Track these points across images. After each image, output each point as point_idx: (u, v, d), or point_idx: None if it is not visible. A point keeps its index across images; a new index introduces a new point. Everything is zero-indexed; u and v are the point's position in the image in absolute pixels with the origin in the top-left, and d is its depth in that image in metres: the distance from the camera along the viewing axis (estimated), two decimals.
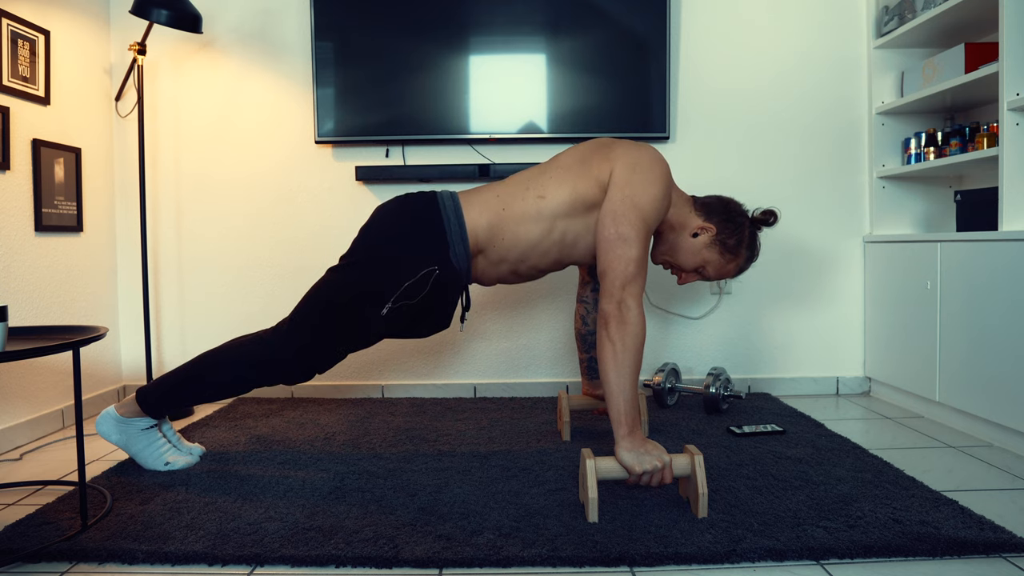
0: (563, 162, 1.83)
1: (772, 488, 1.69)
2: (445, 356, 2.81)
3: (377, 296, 1.74)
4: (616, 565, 1.34)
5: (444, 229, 1.76)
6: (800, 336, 2.80)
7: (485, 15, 2.65)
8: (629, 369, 1.58)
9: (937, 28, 2.44)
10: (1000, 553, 1.37)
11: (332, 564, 1.36)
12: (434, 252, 1.74)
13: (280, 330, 1.83)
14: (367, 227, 1.83)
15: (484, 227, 1.78)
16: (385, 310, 1.75)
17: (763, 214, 1.90)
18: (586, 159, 1.79)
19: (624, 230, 1.66)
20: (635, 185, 1.70)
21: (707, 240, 1.87)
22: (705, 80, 2.76)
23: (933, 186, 2.72)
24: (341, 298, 1.77)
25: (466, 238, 1.77)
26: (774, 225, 1.91)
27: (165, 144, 2.79)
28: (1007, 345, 1.99)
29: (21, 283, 2.24)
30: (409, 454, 2.01)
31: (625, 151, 1.77)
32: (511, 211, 1.78)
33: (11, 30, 2.18)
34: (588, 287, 2.16)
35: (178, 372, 1.85)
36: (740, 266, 1.92)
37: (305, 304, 1.81)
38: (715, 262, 1.90)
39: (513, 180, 1.85)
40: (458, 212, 1.78)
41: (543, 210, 1.77)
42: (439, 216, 1.77)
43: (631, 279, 1.63)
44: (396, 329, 1.83)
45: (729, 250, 1.88)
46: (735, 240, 1.87)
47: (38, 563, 1.39)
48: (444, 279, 1.75)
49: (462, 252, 1.77)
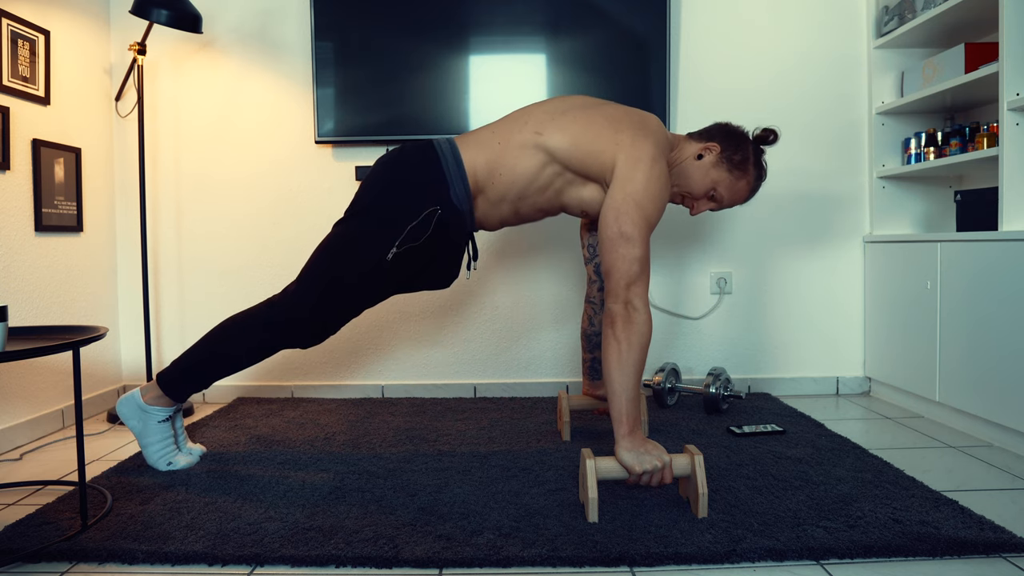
0: (564, 107, 1.82)
1: (772, 488, 1.69)
2: (445, 356, 2.81)
3: (382, 242, 1.74)
4: (616, 565, 1.34)
5: (442, 169, 1.76)
6: (800, 336, 2.80)
7: (485, 15, 2.65)
8: (633, 369, 1.58)
9: (937, 28, 2.44)
10: (1000, 553, 1.37)
11: (332, 564, 1.36)
12: (434, 192, 1.75)
13: (289, 291, 1.83)
14: (367, 178, 1.83)
15: (482, 164, 1.78)
16: (391, 255, 1.74)
17: (762, 132, 1.88)
18: (593, 121, 1.76)
19: (627, 228, 1.66)
20: (637, 182, 1.69)
21: (713, 159, 1.86)
22: (705, 80, 2.76)
23: (933, 186, 2.72)
24: (347, 249, 1.77)
25: (465, 177, 1.77)
26: (774, 143, 1.90)
27: (165, 144, 2.79)
28: (1007, 345, 1.99)
29: (21, 283, 2.24)
30: (409, 454, 2.01)
31: (632, 139, 1.73)
32: (507, 145, 1.78)
33: (11, 30, 2.18)
34: (595, 287, 2.16)
35: (193, 350, 1.86)
36: (751, 184, 1.89)
37: (312, 261, 1.82)
38: (725, 181, 1.87)
39: (509, 117, 1.85)
40: (455, 153, 1.78)
41: (539, 144, 1.76)
42: (436, 158, 1.77)
43: (636, 278, 1.63)
44: (405, 278, 1.82)
45: (737, 166, 1.86)
46: (740, 156, 1.85)
47: (38, 563, 1.39)
48: (447, 219, 1.75)
49: (462, 192, 1.77)
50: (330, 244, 1.81)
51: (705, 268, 2.79)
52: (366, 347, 2.80)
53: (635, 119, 1.78)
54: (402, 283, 1.84)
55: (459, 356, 2.81)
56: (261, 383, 2.81)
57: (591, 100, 1.87)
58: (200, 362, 1.85)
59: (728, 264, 2.79)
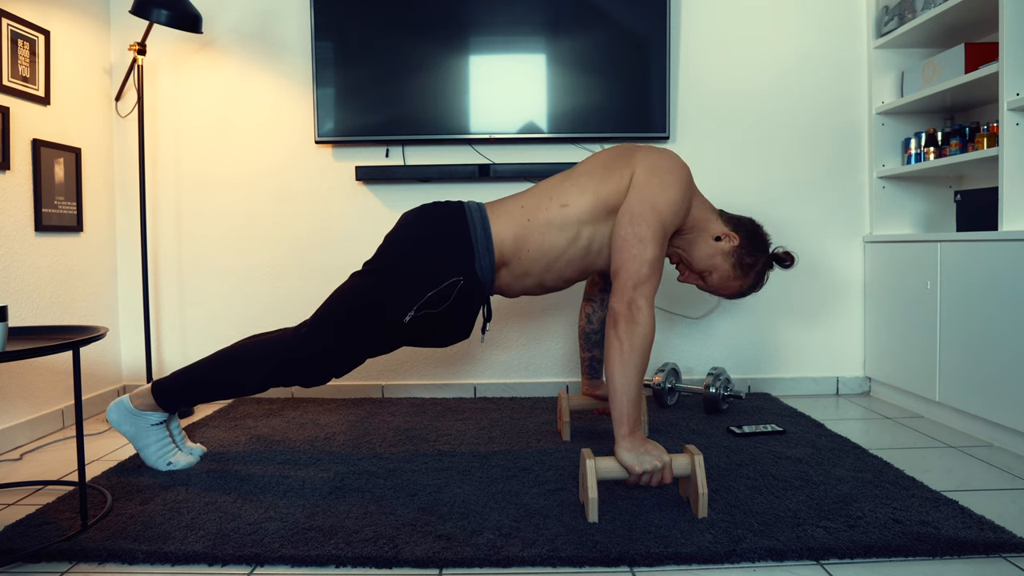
0: (584, 169, 1.84)
1: (772, 488, 1.69)
2: (445, 356, 2.81)
3: (400, 304, 1.74)
4: (616, 565, 1.34)
5: (470, 239, 1.76)
6: (800, 336, 2.80)
7: (485, 15, 2.65)
8: (635, 369, 1.58)
9: (937, 28, 2.44)
10: (1000, 553, 1.37)
11: (332, 564, 1.36)
12: (460, 262, 1.74)
13: (302, 332, 1.83)
14: (392, 234, 1.83)
15: (510, 239, 1.78)
16: (407, 318, 1.75)
17: (784, 253, 1.91)
18: (608, 165, 1.80)
19: (641, 230, 1.66)
20: (654, 187, 1.70)
21: (727, 248, 1.88)
22: (705, 80, 2.76)
23: (933, 186, 2.72)
24: (364, 304, 1.77)
25: (492, 249, 1.77)
26: (788, 268, 1.93)
27: (165, 144, 2.79)
28: (1007, 345, 1.99)
29: (21, 283, 2.24)
30: (409, 454, 2.01)
31: (646, 155, 1.78)
32: (535, 221, 1.79)
33: (11, 30, 2.18)
34: (597, 286, 2.16)
35: (195, 368, 1.86)
36: (742, 288, 1.92)
37: (328, 308, 1.82)
38: (724, 272, 1.89)
39: (536, 190, 1.86)
40: (485, 223, 1.78)
41: (568, 217, 1.77)
42: (466, 226, 1.77)
43: (644, 280, 1.63)
44: (416, 337, 1.83)
45: (742, 267, 1.88)
46: (751, 260, 1.88)
47: (38, 563, 1.39)
48: (468, 290, 1.75)
49: (487, 264, 1.77)
50: (348, 296, 1.80)
51: None
52: None
53: (651, 146, 1.84)
54: (413, 340, 1.85)
55: (459, 356, 2.81)
56: None
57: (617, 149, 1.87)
58: (201, 382, 1.84)
59: None
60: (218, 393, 1.85)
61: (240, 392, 1.85)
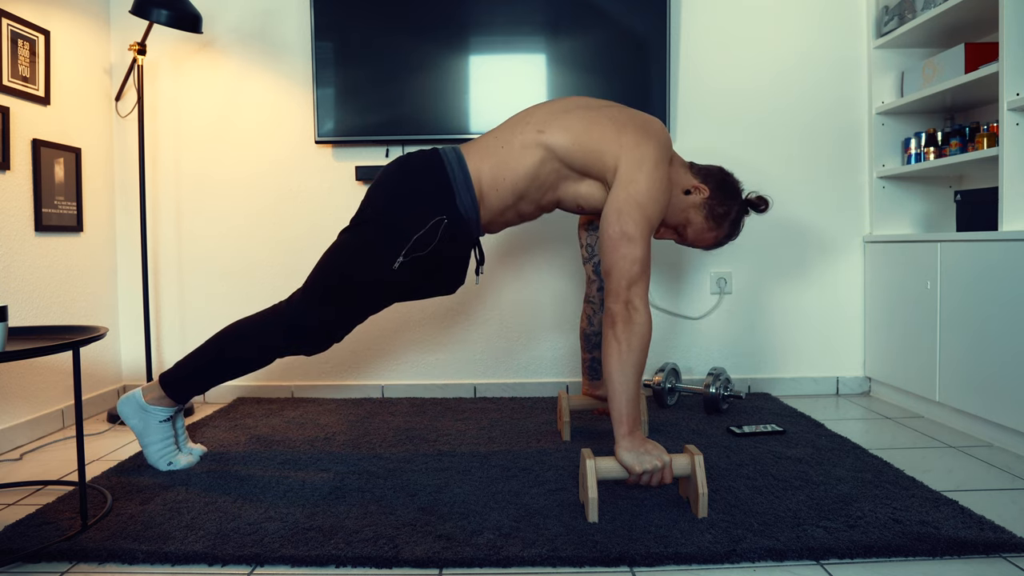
0: (569, 106, 1.83)
1: (772, 488, 1.69)
2: (445, 356, 2.81)
3: (388, 251, 1.74)
4: (616, 565, 1.34)
5: (448, 178, 1.76)
6: (800, 336, 2.80)
7: (485, 15, 2.65)
8: (633, 369, 1.58)
9: (937, 28, 2.44)
10: (1000, 553, 1.37)
11: (332, 564, 1.36)
12: (441, 201, 1.74)
13: (294, 299, 1.84)
14: (373, 187, 1.83)
15: (487, 171, 1.78)
16: (397, 264, 1.74)
17: (757, 198, 1.90)
18: (597, 122, 1.77)
19: (628, 228, 1.66)
20: (639, 183, 1.69)
21: (697, 201, 1.87)
22: (705, 80, 2.76)
23: (933, 186, 2.72)
24: (353, 258, 1.78)
25: (471, 186, 1.77)
26: (763, 212, 1.92)
27: (165, 144, 2.79)
28: (1007, 345, 1.99)
29: (21, 283, 2.24)
30: (409, 454, 2.01)
31: (635, 141, 1.74)
32: (510, 146, 1.79)
33: (11, 30, 2.18)
34: (595, 287, 2.16)
35: (197, 353, 1.86)
36: (718, 238, 1.91)
37: (318, 270, 1.82)
38: (697, 225, 1.89)
39: (512, 119, 1.86)
40: (461, 161, 1.78)
41: (541, 141, 1.77)
42: (442, 166, 1.77)
43: (636, 278, 1.63)
44: (410, 286, 1.82)
45: (715, 217, 1.87)
46: (723, 209, 1.87)
47: (38, 563, 1.39)
48: (453, 228, 1.75)
49: (468, 200, 1.77)
50: (335, 253, 1.81)
51: (705, 268, 2.79)
52: (366, 347, 2.80)
53: (638, 121, 1.79)
54: (407, 290, 1.84)
55: (459, 356, 2.81)
56: (261, 383, 2.81)
57: (595, 101, 1.88)
58: (204, 365, 1.85)
59: (728, 264, 2.79)
60: (224, 373, 1.86)
61: (245, 368, 1.86)
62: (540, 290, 2.79)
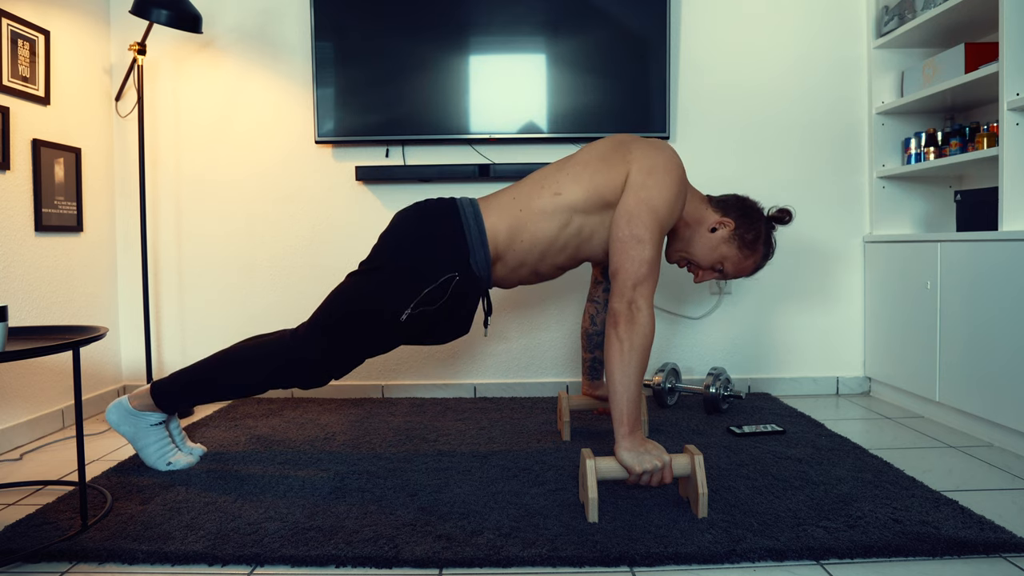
0: (580, 159, 1.84)
1: (772, 488, 1.69)
2: (445, 356, 2.81)
3: (396, 303, 1.74)
4: (616, 565, 1.34)
5: (464, 235, 1.76)
6: (800, 336, 2.80)
7: (485, 15, 2.65)
8: (635, 369, 1.58)
9: (937, 28, 2.44)
10: (1000, 553, 1.37)
11: (332, 564, 1.36)
12: (454, 258, 1.74)
13: (300, 334, 1.83)
14: (387, 233, 1.83)
15: (504, 231, 1.78)
16: (404, 316, 1.74)
17: (779, 212, 1.91)
18: (604, 157, 1.79)
19: (638, 231, 1.66)
20: (650, 188, 1.71)
21: (726, 235, 1.88)
22: (705, 79, 2.76)
23: (933, 186, 2.72)
24: (361, 304, 1.77)
25: (486, 244, 1.77)
26: (789, 224, 1.92)
27: (165, 144, 2.79)
28: (1007, 345, 1.99)
29: (21, 283, 2.24)
30: (409, 454, 2.01)
31: (643, 153, 1.77)
32: (528, 211, 1.79)
33: (11, 30, 2.18)
34: (600, 287, 2.16)
35: (194, 370, 1.86)
36: (757, 263, 1.92)
37: (325, 309, 1.82)
38: (733, 257, 1.89)
39: (529, 180, 1.85)
40: (478, 218, 1.78)
41: (559, 205, 1.77)
42: (459, 222, 1.77)
43: (643, 280, 1.64)
44: (415, 335, 1.83)
45: (747, 245, 1.88)
46: (753, 235, 1.88)
47: (38, 563, 1.39)
48: (464, 285, 1.75)
49: (482, 258, 1.77)
50: (344, 296, 1.80)
51: None
52: None
53: (647, 140, 1.82)
54: (411, 338, 1.85)
55: (459, 356, 2.81)
56: None
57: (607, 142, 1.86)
58: (199, 384, 1.85)
59: None
60: (216, 395, 1.85)
61: (239, 394, 1.86)
62: (540, 290, 2.79)
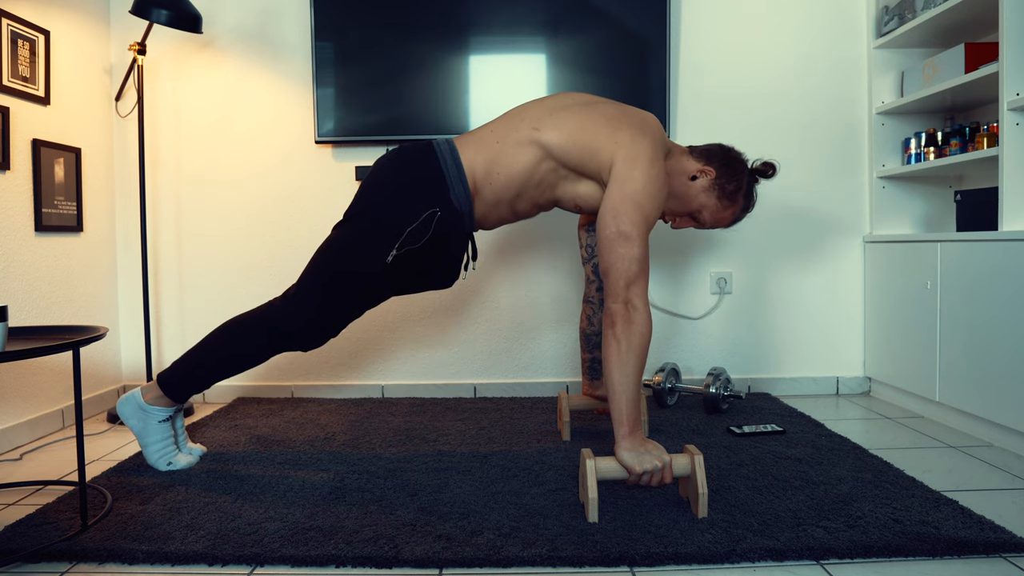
0: (560, 103, 1.82)
1: (772, 488, 1.69)
2: (445, 356, 2.81)
3: (381, 244, 1.74)
4: (616, 565, 1.34)
5: (442, 170, 1.75)
6: (800, 336, 2.80)
7: (485, 15, 2.65)
8: (633, 369, 1.58)
9: (937, 28, 2.44)
10: (1000, 553, 1.37)
11: (332, 564, 1.36)
12: (434, 194, 1.74)
13: (289, 295, 1.84)
14: (365, 180, 1.83)
15: (481, 164, 1.77)
16: (390, 258, 1.74)
17: (763, 165, 1.89)
18: (592, 120, 1.76)
19: (625, 228, 1.65)
20: (635, 181, 1.68)
21: (706, 184, 1.86)
22: (705, 79, 2.76)
23: (933, 186, 2.72)
24: (346, 252, 1.77)
25: (464, 178, 1.76)
26: (772, 177, 1.90)
27: (165, 144, 2.79)
28: (1007, 345, 1.99)
29: (21, 283, 2.24)
30: (409, 454, 2.01)
31: (631, 137, 1.72)
32: (505, 142, 1.78)
33: (11, 30, 2.18)
34: (593, 286, 2.15)
35: (194, 352, 1.86)
36: (736, 214, 1.91)
37: (312, 265, 1.82)
38: (712, 207, 1.88)
39: (507, 114, 1.84)
40: (454, 154, 1.77)
41: (536, 139, 1.76)
42: (435, 159, 1.77)
43: (635, 278, 1.63)
44: (405, 282, 1.82)
45: (727, 195, 1.86)
46: (734, 186, 1.86)
47: (38, 563, 1.39)
48: (446, 221, 1.75)
49: (462, 193, 1.76)
50: (329, 247, 1.81)
51: (705, 268, 2.79)
52: (366, 347, 2.80)
53: (634, 119, 1.78)
54: (402, 285, 1.84)
55: (459, 356, 2.81)
56: (261, 383, 2.81)
57: (590, 97, 1.88)
58: (201, 364, 1.85)
59: (728, 264, 2.79)
60: (221, 371, 1.86)
61: (242, 365, 1.86)
62: (540, 290, 2.79)
